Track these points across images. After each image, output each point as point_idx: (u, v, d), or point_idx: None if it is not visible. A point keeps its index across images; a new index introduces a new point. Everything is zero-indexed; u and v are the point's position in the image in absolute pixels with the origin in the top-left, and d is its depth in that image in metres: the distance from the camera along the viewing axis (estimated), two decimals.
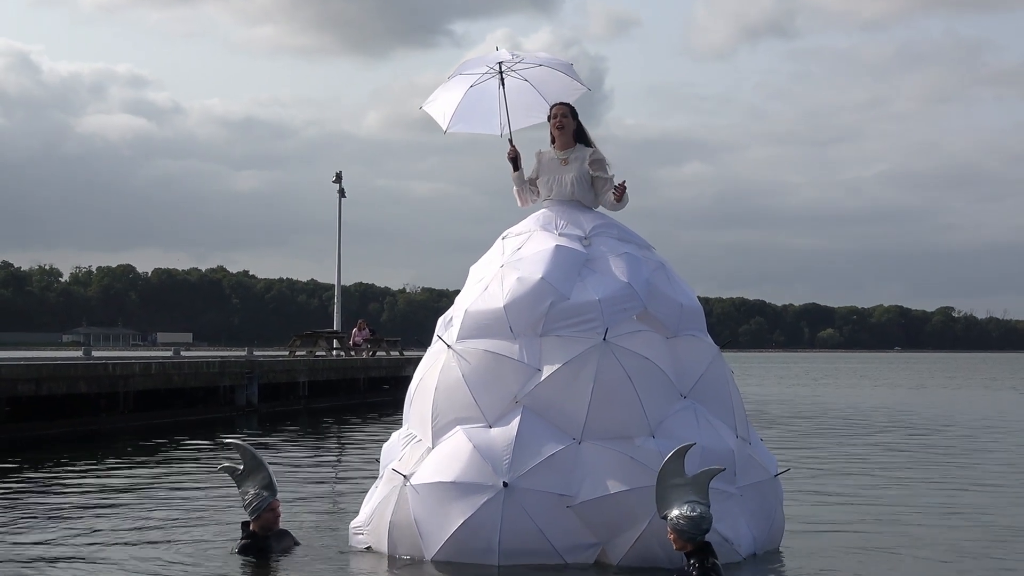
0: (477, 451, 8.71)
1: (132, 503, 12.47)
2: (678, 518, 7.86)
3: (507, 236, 9.79)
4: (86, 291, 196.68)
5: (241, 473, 9.29)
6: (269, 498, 9.22)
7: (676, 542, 7.95)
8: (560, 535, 8.59)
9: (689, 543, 7.89)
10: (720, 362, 9.51)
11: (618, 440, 8.72)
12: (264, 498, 9.20)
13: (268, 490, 9.23)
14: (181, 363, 28.22)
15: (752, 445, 9.51)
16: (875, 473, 15.75)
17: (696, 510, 7.84)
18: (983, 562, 9.38)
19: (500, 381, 8.96)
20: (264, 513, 9.22)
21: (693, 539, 7.87)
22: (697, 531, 7.86)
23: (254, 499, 9.20)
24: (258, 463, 9.29)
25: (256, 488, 9.21)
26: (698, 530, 7.86)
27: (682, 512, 7.85)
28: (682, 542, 7.92)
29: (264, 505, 9.21)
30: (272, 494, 9.25)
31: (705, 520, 7.86)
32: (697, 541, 7.89)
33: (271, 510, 9.26)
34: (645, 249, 9.72)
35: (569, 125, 9.78)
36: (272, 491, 9.26)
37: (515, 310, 9.09)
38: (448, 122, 10.10)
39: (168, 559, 9.21)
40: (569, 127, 9.79)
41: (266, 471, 9.28)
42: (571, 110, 9.85)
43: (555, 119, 9.80)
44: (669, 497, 7.93)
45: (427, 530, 8.76)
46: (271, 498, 9.24)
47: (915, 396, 40.95)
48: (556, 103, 9.90)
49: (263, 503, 9.20)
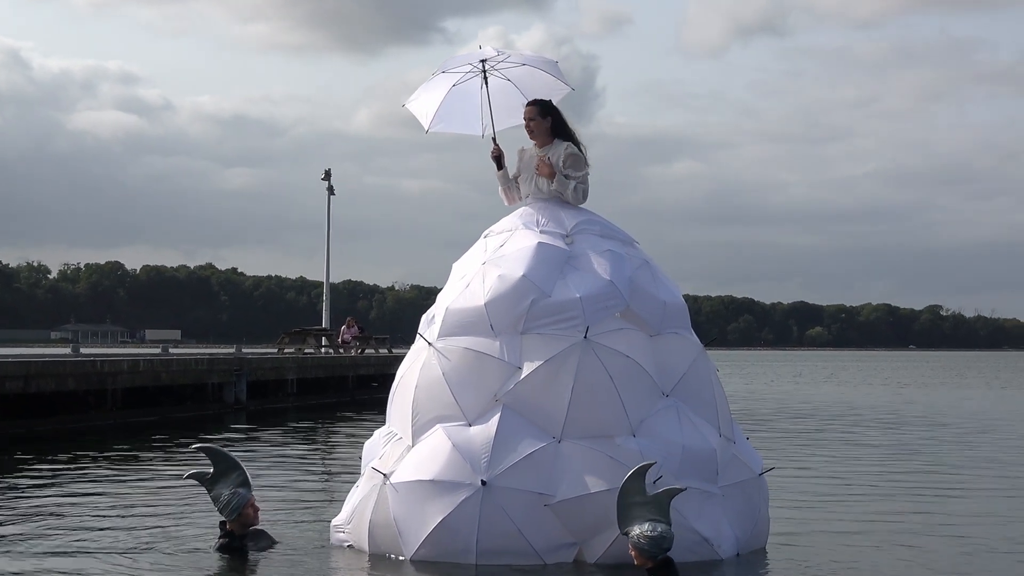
0: (456, 450, 8.66)
1: (108, 503, 12.38)
2: (639, 536, 7.83)
3: (489, 234, 9.72)
4: (74, 288, 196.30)
5: (211, 476, 9.22)
6: (247, 495, 9.18)
7: (637, 559, 7.93)
8: (538, 534, 8.54)
9: (650, 560, 7.88)
10: (704, 360, 9.43)
11: (598, 439, 8.66)
12: (242, 496, 9.15)
13: (244, 487, 9.19)
14: (169, 360, 28.19)
15: (737, 444, 9.44)
16: (864, 472, 15.72)
17: (657, 529, 7.80)
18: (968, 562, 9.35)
19: (480, 379, 8.91)
20: (244, 510, 9.18)
21: (653, 557, 7.86)
22: (657, 549, 7.83)
23: (231, 498, 9.14)
24: (231, 463, 9.24)
25: (231, 487, 9.16)
26: (658, 548, 7.82)
27: (643, 531, 7.81)
28: (643, 559, 7.90)
29: (243, 503, 9.16)
30: (248, 491, 9.21)
31: (665, 539, 7.82)
32: (658, 559, 7.87)
33: (249, 506, 9.21)
34: (629, 245, 9.64)
35: (539, 126, 9.65)
36: (248, 487, 9.21)
37: (496, 308, 9.03)
38: (430, 122, 10.03)
39: (147, 560, 9.12)
40: (540, 127, 9.65)
41: (240, 469, 9.23)
42: (540, 109, 9.68)
43: (525, 119, 9.69)
44: (630, 515, 7.89)
45: (406, 529, 8.72)
46: (248, 495, 9.20)
47: (922, 395, 40.99)
48: (527, 103, 9.76)
49: (241, 501, 9.15)
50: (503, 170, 9.84)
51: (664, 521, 7.84)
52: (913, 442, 20.77)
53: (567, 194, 9.61)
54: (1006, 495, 13.46)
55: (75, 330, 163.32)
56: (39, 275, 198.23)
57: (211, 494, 9.26)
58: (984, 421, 26.68)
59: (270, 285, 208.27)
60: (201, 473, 9.33)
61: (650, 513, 7.84)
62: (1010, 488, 14.15)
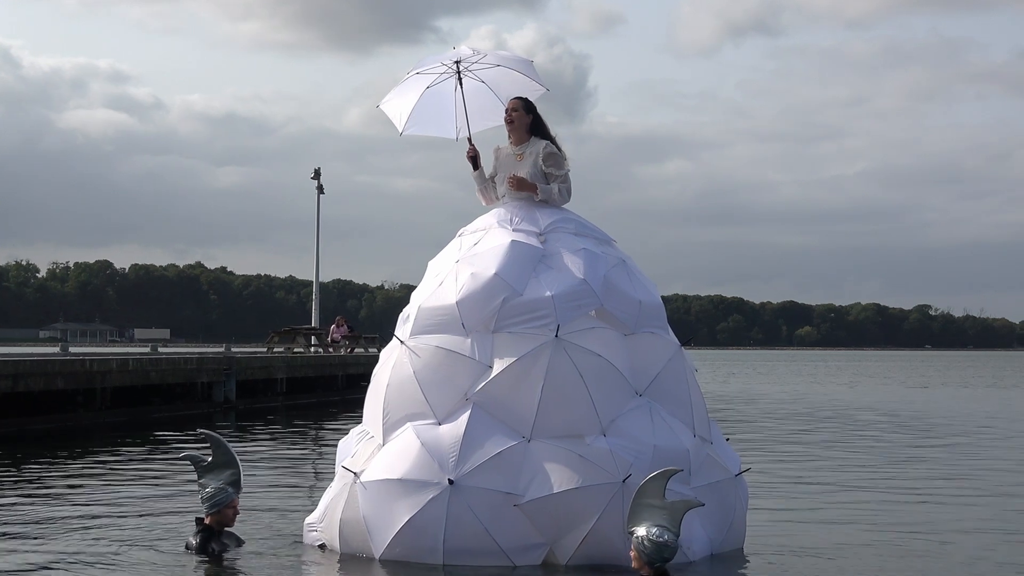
0: (425, 448, 8.61)
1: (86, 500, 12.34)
2: (643, 539, 7.69)
3: (464, 233, 9.68)
4: (63, 287, 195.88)
5: (207, 465, 9.18)
6: (233, 494, 9.14)
7: (636, 561, 7.78)
8: (506, 534, 8.47)
9: (648, 566, 7.73)
10: (680, 359, 9.34)
11: (568, 439, 8.59)
12: (228, 493, 9.11)
13: (233, 486, 9.15)
14: (159, 359, 28.16)
15: (714, 444, 9.37)
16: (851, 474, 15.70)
17: (664, 536, 7.66)
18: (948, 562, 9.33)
19: (451, 378, 8.86)
20: (225, 508, 9.13)
21: (651, 564, 7.71)
22: (658, 556, 7.68)
23: (217, 493, 9.09)
24: (230, 458, 9.19)
25: (221, 482, 9.11)
26: (659, 556, 7.69)
27: (649, 534, 7.67)
28: (641, 563, 7.76)
29: (227, 500, 9.11)
30: (236, 491, 9.17)
31: (668, 548, 7.69)
32: (656, 567, 7.73)
33: (231, 506, 9.17)
34: (605, 244, 9.58)
35: (520, 119, 9.63)
36: (237, 488, 9.18)
37: (467, 306, 8.98)
38: (404, 123, 10.00)
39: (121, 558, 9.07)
40: (520, 121, 9.63)
41: (236, 467, 9.19)
42: (525, 104, 9.69)
43: (506, 113, 9.68)
44: (641, 515, 7.76)
45: (375, 528, 8.67)
46: (234, 494, 9.16)
47: (919, 396, 41.08)
48: (512, 98, 9.76)
49: (226, 498, 9.11)
50: (479, 170, 9.80)
51: (673, 531, 7.69)
52: (909, 445, 20.77)
53: (553, 197, 9.58)
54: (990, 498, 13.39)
55: (64, 329, 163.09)
56: (28, 274, 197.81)
57: (199, 480, 9.20)
58: (978, 423, 26.70)
59: (259, 284, 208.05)
60: (197, 457, 9.28)
61: (661, 519, 7.69)
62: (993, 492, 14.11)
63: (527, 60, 10.07)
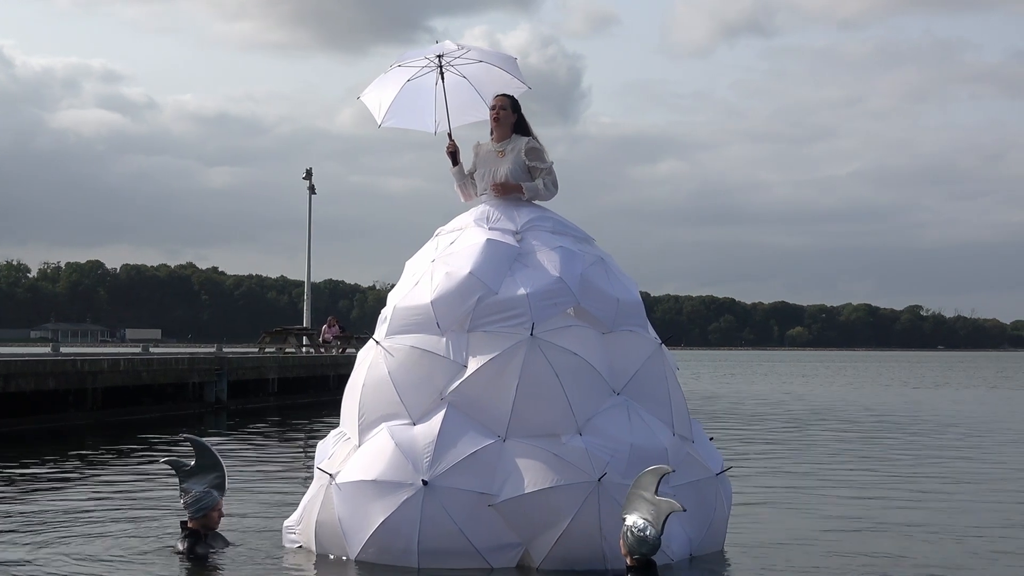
0: (399, 449, 8.55)
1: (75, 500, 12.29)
2: (630, 528, 7.80)
3: (441, 232, 9.62)
4: (54, 287, 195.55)
5: (190, 469, 9.12)
6: (217, 497, 9.09)
7: (622, 548, 7.92)
8: (481, 535, 8.40)
9: (630, 556, 7.84)
10: (659, 358, 9.26)
11: (544, 438, 8.53)
12: (213, 497, 9.07)
13: (219, 489, 9.10)
14: (150, 359, 28.12)
15: (695, 443, 9.30)
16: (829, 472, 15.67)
17: (646, 531, 7.75)
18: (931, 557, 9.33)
19: (426, 378, 8.80)
20: (210, 512, 9.08)
21: (631, 554, 7.82)
22: (636, 549, 7.79)
23: (202, 497, 9.04)
24: (214, 461, 9.14)
25: (205, 486, 9.06)
26: (638, 549, 7.78)
27: (635, 525, 7.78)
28: (625, 551, 7.88)
29: (212, 504, 9.06)
30: (221, 493, 9.13)
31: (647, 544, 7.76)
32: (636, 558, 7.82)
33: (216, 509, 9.12)
34: (583, 242, 9.51)
35: (507, 117, 9.58)
36: (222, 491, 9.13)
37: (442, 305, 8.92)
38: (382, 116, 9.96)
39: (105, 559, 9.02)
40: (507, 119, 9.58)
41: (221, 470, 9.13)
42: (512, 102, 9.64)
43: (492, 110, 9.61)
44: (633, 503, 7.85)
45: (350, 529, 8.62)
46: (219, 498, 9.11)
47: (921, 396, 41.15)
48: (498, 94, 9.70)
49: (211, 502, 9.06)
50: (458, 166, 9.75)
51: (655, 528, 7.75)
52: (892, 443, 20.78)
53: (539, 193, 9.53)
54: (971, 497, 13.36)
55: (55, 329, 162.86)
56: (19, 274, 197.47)
57: (182, 486, 9.12)
58: (967, 423, 26.71)
59: (251, 284, 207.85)
60: (179, 463, 9.22)
61: (648, 513, 7.77)
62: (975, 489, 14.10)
63: (511, 57, 10.01)
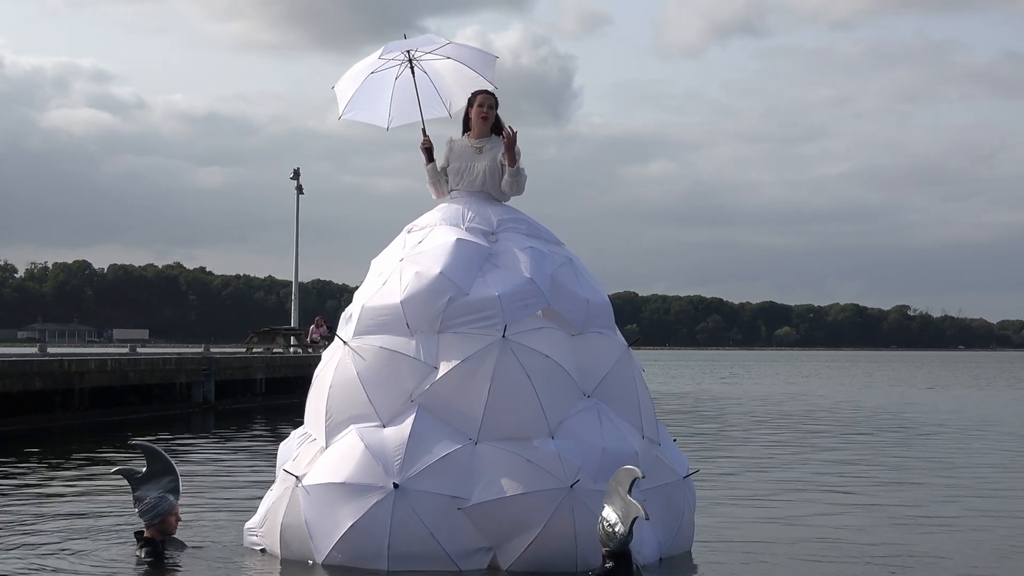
0: (369, 451, 8.44)
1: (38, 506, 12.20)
2: (603, 520, 7.86)
3: (412, 230, 9.50)
4: (41, 287, 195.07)
5: (142, 476, 9.02)
6: (173, 503, 8.98)
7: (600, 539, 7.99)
8: (452, 539, 8.31)
9: (603, 547, 7.91)
10: (628, 360, 9.21)
11: (515, 441, 8.44)
12: (169, 501, 8.96)
13: (173, 493, 9.00)
14: (137, 360, 28.07)
15: (662, 446, 9.25)
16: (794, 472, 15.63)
17: (616, 528, 7.79)
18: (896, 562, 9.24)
19: (395, 379, 8.69)
20: (168, 517, 8.97)
21: (602, 546, 7.89)
22: (604, 542, 7.86)
23: (157, 503, 8.92)
24: (167, 465, 9.05)
25: (159, 491, 8.95)
26: (605, 542, 7.85)
27: (608, 519, 7.83)
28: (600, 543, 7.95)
29: (168, 509, 8.96)
30: (176, 498, 9.02)
31: (613, 540, 7.81)
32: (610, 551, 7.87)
33: (173, 514, 9.02)
34: (554, 244, 9.44)
35: (492, 116, 9.49)
36: (176, 494, 9.02)
37: (412, 305, 8.81)
38: (343, 108, 9.88)
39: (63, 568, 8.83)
40: (492, 118, 9.49)
41: (174, 474, 9.04)
42: (496, 101, 9.55)
43: (481, 108, 9.47)
44: (611, 496, 7.89)
45: (317, 532, 8.50)
46: (175, 503, 9.00)
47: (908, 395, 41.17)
48: (480, 91, 9.57)
49: (167, 507, 8.95)
50: (433, 163, 9.63)
51: (626, 527, 7.77)
52: (859, 444, 20.75)
53: (520, 181, 9.39)
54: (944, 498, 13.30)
55: (42, 329, 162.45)
56: (6, 274, 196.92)
57: (135, 494, 9.02)
58: (949, 422, 26.69)
59: (238, 284, 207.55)
60: (130, 471, 9.12)
61: (620, 510, 7.79)
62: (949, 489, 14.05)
63: (490, 56, 9.84)
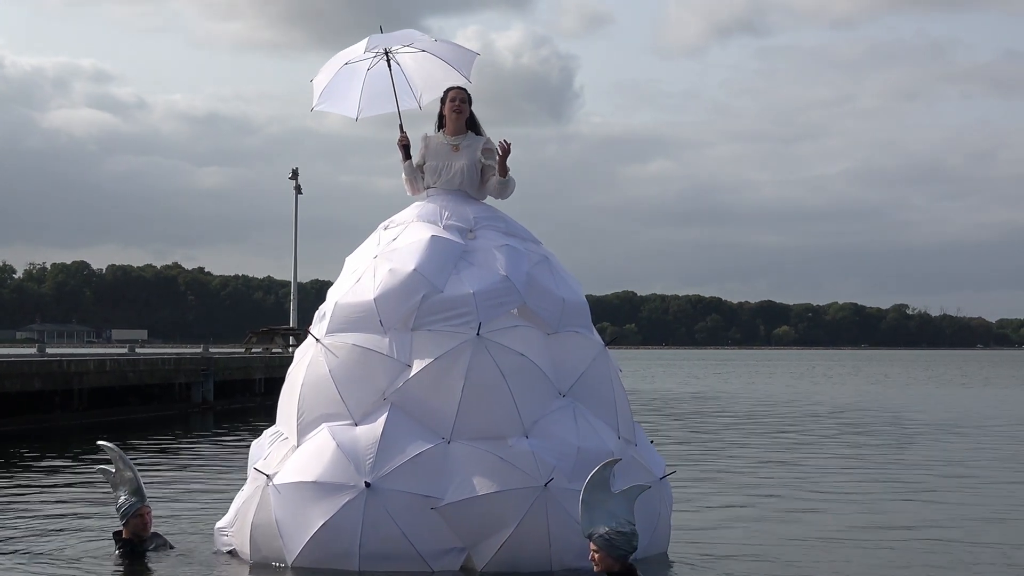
0: (340, 450, 8.34)
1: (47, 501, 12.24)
2: (609, 533, 7.35)
3: (388, 226, 9.40)
4: (40, 288, 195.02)
5: (115, 476, 9.06)
6: (137, 504, 9.00)
7: (602, 561, 7.43)
8: (424, 539, 8.21)
9: (617, 562, 7.41)
10: (604, 360, 9.11)
11: (489, 440, 8.35)
12: (133, 503, 8.99)
13: (136, 496, 9.01)
14: (136, 360, 28.09)
15: (638, 446, 9.15)
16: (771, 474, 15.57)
17: (628, 527, 7.40)
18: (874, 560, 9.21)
19: (368, 377, 8.60)
20: (132, 519, 9.01)
21: (624, 556, 7.41)
22: (628, 547, 7.40)
23: (124, 504, 8.99)
24: (125, 467, 9.05)
25: (126, 494, 9.00)
26: (629, 546, 7.41)
27: (613, 527, 7.35)
28: (611, 560, 7.40)
29: (132, 511, 8.99)
30: (140, 500, 9.02)
31: (636, 536, 7.46)
32: (624, 560, 7.43)
33: (139, 516, 9.03)
34: (531, 243, 9.36)
35: (466, 111, 9.40)
36: (140, 497, 9.03)
37: (386, 303, 8.72)
38: (315, 99, 9.79)
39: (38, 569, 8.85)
40: (465, 112, 9.40)
41: (133, 476, 9.04)
42: (469, 95, 9.47)
43: (453, 102, 9.38)
44: (595, 513, 7.39)
45: (288, 532, 8.39)
46: (139, 504, 9.01)
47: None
48: (453, 87, 9.48)
49: (131, 508, 8.98)
50: (409, 160, 9.54)
51: (631, 520, 7.42)
52: (839, 444, 20.68)
53: (508, 188, 9.34)
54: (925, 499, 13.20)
55: (41, 330, 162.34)
56: (4, 274, 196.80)
57: (113, 493, 9.12)
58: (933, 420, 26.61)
59: (237, 285, 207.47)
60: (106, 471, 9.16)
61: (617, 509, 7.39)
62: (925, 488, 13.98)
63: (469, 53, 9.74)
